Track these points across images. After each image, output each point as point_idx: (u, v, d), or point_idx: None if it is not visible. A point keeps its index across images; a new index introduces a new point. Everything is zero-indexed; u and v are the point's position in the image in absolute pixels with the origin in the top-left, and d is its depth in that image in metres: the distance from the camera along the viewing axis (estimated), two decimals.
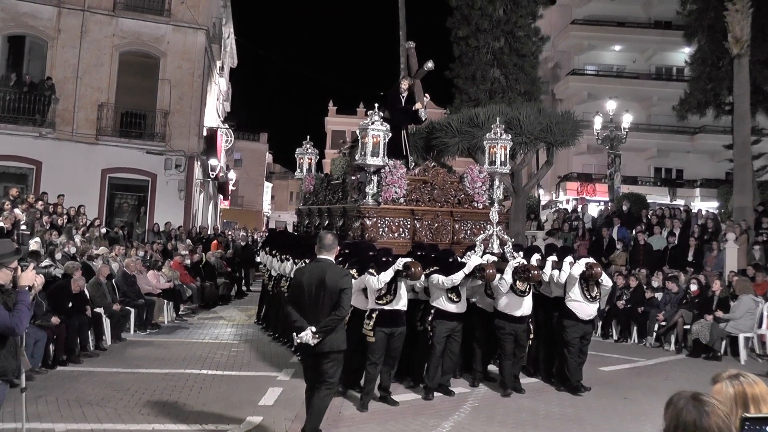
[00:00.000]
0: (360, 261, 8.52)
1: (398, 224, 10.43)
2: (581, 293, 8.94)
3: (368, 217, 10.11)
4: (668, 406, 2.46)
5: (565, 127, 15.63)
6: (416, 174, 10.92)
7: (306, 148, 14.33)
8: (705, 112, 25.90)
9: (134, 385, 8.39)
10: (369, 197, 10.16)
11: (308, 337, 5.92)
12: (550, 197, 36.19)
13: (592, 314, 9.18)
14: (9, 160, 21.03)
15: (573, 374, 8.94)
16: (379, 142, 9.93)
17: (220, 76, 30.99)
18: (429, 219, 10.60)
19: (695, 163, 37.30)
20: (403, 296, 7.99)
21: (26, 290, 4.42)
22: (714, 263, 15.18)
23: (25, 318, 4.34)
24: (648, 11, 38.24)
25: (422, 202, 10.66)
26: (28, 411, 6.65)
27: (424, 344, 8.59)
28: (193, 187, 23.40)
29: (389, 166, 10.16)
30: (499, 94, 23.89)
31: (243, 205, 50.44)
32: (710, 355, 11.81)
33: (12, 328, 4.27)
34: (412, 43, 12.87)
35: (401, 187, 10.31)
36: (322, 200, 13.04)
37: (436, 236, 10.54)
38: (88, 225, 16.94)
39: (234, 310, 16.27)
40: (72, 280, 10.15)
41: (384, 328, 7.77)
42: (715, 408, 2.37)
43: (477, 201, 11.00)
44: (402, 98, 11.73)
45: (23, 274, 4.43)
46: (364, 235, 10.02)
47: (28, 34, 22.01)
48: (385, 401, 7.99)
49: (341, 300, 6.01)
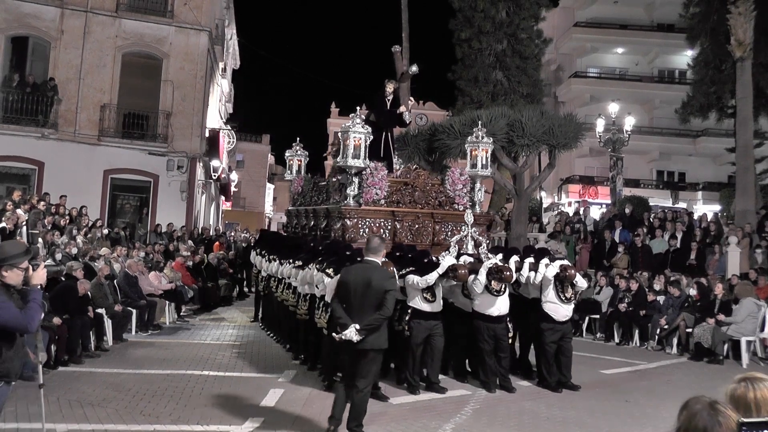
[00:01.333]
0: (337, 260, 8.62)
1: (379, 225, 10.58)
2: (556, 295, 9.15)
3: (349, 218, 10.32)
4: (684, 408, 2.46)
5: (568, 129, 15.62)
6: (398, 176, 11.13)
7: (296, 150, 14.56)
8: (707, 115, 25.88)
9: (136, 386, 8.39)
10: (350, 198, 10.38)
11: (352, 334, 6.21)
12: (552, 200, 36.17)
13: (567, 315, 9.35)
14: (12, 161, 21.05)
15: (551, 375, 9.18)
16: (360, 144, 10.16)
17: (223, 78, 31.03)
18: (409, 220, 10.76)
19: (697, 166, 37.26)
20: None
21: (38, 289, 4.48)
22: (716, 267, 15.17)
23: (37, 315, 4.39)
24: (650, 14, 38.23)
25: (403, 204, 10.82)
26: (30, 411, 6.68)
27: (404, 343, 8.70)
28: (195, 188, 23.39)
29: (370, 168, 10.34)
30: (502, 97, 23.92)
31: (245, 206, 50.43)
32: (712, 359, 11.79)
33: (25, 325, 4.31)
34: (398, 47, 12.97)
35: (382, 189, 10.51)
36: (309, 201, 13.17)
37: (417, 237, 10.70)
38: (90, 226, 16.96)
39: (236, 311, 16.27)
40: (78, 282, 10.16)
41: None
42: (730, 420, 2.36)
43: (458, 203, 11.14)
44: (387, 101, 11.92)
45: (34, 273, 4.48)
46: (344, 236, 10.19)
47: (31, 35, 22.03)
48: (374, 396, 7.99)
49: (386, 301, 6.31)
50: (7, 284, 4.34)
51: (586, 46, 38.81)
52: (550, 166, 16.96)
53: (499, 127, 15.04)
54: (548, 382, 9.18)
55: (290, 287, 10.55)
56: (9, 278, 4.35)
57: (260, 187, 53.23)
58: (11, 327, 4.31)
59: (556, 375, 9.22)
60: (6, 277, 4.33)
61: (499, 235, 19.96)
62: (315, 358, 9.58)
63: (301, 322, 9.98)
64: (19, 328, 4.37)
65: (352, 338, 6.21)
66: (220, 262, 18.02)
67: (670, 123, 34.67)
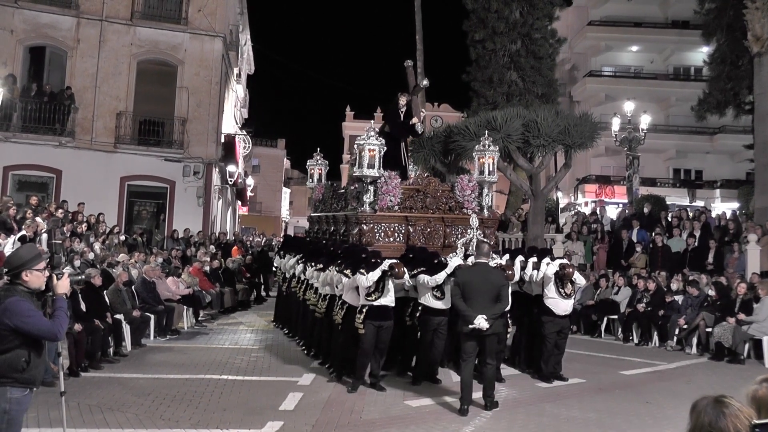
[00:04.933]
0: (353, 262, 9.32)
1: (393, 229, 11.20)
2: (556, 291, 9.76)
3: (365, 223, 10.91)
4: (693, 408, 2.46)
5: (583, 129, 15.54)
6: (410, 183, 11.75)
7: (316, 160, 15.23)
8: (724, 112, 25.65)
9: (155, 391, 8.44)
10: (366, 205, 10.96)
11: (482, 323, 7.55)
12: (569, 200, 35.99)
13: (567, 309, 10.00)
14: (30, 169, 21.31)
15: (547, 366, 9.83)
16: (375, 155, 10.79)
17: (238, 83, 31.16)
18: (422, 224, 11.34)
19: (715, 163, 36.92)
20: (390, 293, 8.90)
21: (63, 297, 4.57)
22: (735, 265, 15.00)
23: (65, 323, 4.49)
24: (665, 11, 37.96)
25: (415, 209, 11.40)
26: (51, 416, 6.74)
27: (412, 338, 9.53)
28: (212, 193, 23.52)
29: (384, 177, 10.95)
30: (517, 97, 23.82)
31: (261, 211, 50.60)
32: (733, 359, 11.68)
33: (55, 333, 4.41)
34: (410, 61, 13.67)
35: (395, 196, 11.11)
36: (329, 208, 13.70)
37: (429, 240, 11.24)
38: (108, 232, 17.08)
39: (253, 316, 16.35)
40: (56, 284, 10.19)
41: (373, 322, 8.71)
42: (736, 411, 2.36)
43: (467, 208, 11.63)
44: (401, 113, 12.58)
45: (59, 282, 4.57)
46: (361, 240, 10.78)
47: (48, 45, 22.25)
48: (374, 387, 8.88)
49: (502, 294, 7.90)
50: (29, 290, 4.41)
51: (600, 45, 38.62)
52: (566, 166, 16.86)
53: (514, 127, 14.99)
54: (543, 373, 9.81)
55: (312, 288, 11.18)
56: (31, 282, 4.41)
57: (276, 191, 53.39)
58: (43, 336, 4.39)
59: (551, 367, 9.85)
60: (28, 281, 4.40)
61: (516, 236, 19.88)
62: (328, 353, 10.27)
63: (318, 320, 10.70)
64: (49, 337, 4.47)
65: (483, 327, 7.56)
66: (238, 267, 18.08)
67: (686, 121, 34.43)
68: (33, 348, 4.36)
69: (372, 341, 8.74)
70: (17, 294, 4.33)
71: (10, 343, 4.25)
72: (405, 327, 9.59)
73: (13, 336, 4.24)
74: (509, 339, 10.41)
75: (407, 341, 9.71)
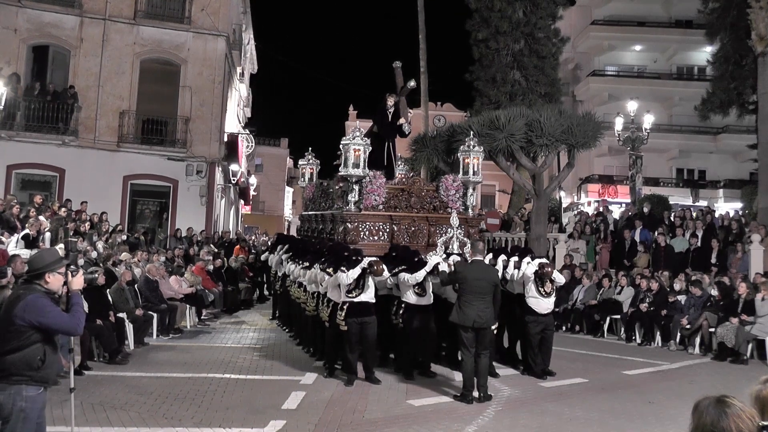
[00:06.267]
0: (335, 260, 9.62)
1: (378, 228, 11.48)
2: (536, 290, 9.96)
3: (350, 222, 11.17)
4: (694, 408, 2.46)
5: (586, 128, 15.56)
6: (395, 183, 11.98)
7: (308, 159, 15.52)
8: (728, 111, 25.58)
9: (158, 389, 8.46)
10: (351, 204, 11.21)
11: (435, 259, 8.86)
12: (572, 199, 35.93)
13: (549, 308, 10.15)
14: (33, 168, 21.34)
15: (536, 363, 10.00)
16: (360, 155, 11.06)
17: (241, 82, 31.18)
18: (406, 224, 11.58)
19: (718, 163, 36.83)
20: (370, 290, 9.19)
21: (78, 293, 4.77)
22: (739, 265, 14.98)
23: (82, 318, 4.64)
24: (668, 10, 37.88)
25: (400, 209, 11.63)
26: (54, 414, 6.74)
27: (400, 335, 9.78)
28: (215, 192, 23.53)
29: (369, 176, 11.17)
30: (520, 96, 23.82)
31: (264, 210, 50.56)
32: (736, 359, 11.66)
33: (75, 327, 4.57)
34: (399, 63, 13.75)
35: (380, 195, 11.35)
36: (318, 207, 13.93)
37: (413, 239, 11.49)
38: (111, 231, 17.09)
39: (256, 315, 16.36)
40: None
41: (354, 318, 9.02)
42: (738, 411, 2.36)
43: (451, 207, 11.82)
44: (389, 113, 12.78)
45: (74, 279, 4.76)
46: (346, 238, 10.99)
47: (51, 44, 22.27)
48: (369, 380, 9.12)
49: (496, 292, 8.48)
50: (48, 291, 4.56)
51: (603, 44, 38.52)
52: (569, 166, 16.87)
53: (517, 127, 15.01)
54: (534, 370, 9.98)
55: (302, 286, 11.39)
56: (52, 284, 4.59)
57: (279, 190, 53.35)
58: (63, 330, 4.57)
59: (541, 364, 10.02)
60: (49, 283, 4.57)
61: (518, 236, 19.88)
62: (320, 350, 10.51)
63: (310, 318, 10.91)
64: (69, 331, 4.65)
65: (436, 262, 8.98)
66: (241, 266, 18.10)
67: (689, 120, 34.35)
68: (48, 345, 4.50)
69: (356, 337, 9.04)
70: (36, 292, 4.49)
71: (27, 339, 4.39)
72: (393, 326, 9.82)
73: (30, 332, 4.39)
74: None
75: (396, 340, 9.95)
